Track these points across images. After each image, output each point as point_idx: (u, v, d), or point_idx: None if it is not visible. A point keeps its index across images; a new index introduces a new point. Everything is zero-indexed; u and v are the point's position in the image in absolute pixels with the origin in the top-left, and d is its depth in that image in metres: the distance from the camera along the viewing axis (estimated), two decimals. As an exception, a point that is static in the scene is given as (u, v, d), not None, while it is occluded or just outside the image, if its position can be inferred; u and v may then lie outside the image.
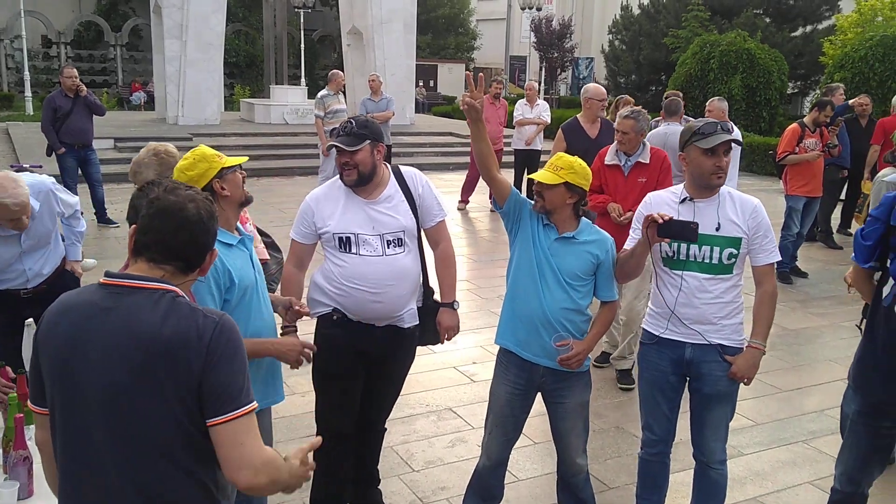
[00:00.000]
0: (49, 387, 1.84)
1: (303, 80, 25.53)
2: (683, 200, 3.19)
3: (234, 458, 1.75)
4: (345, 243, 3.26)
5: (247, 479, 1.75)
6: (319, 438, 1.99)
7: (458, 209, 11.43)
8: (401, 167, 3.47)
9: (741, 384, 3.25)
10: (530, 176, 3.24)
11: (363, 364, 3.41)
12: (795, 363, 5.92)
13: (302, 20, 27.31)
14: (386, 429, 3.76)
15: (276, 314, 3.01)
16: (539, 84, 29.72)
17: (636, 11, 27.89)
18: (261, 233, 3.55)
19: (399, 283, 3.30)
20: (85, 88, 9.37)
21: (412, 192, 3.40)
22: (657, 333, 3.28)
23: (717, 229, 3.11)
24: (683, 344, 3.22)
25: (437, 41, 38.49)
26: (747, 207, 3.17)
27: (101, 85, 31.26)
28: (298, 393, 4.93)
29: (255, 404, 1.80)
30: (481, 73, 3.13)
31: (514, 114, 11.27)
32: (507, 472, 4.13)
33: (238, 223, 2.88)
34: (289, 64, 31.55)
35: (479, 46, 40.34)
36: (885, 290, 2.91)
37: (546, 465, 4.25)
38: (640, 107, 7.68)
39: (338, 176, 3.33)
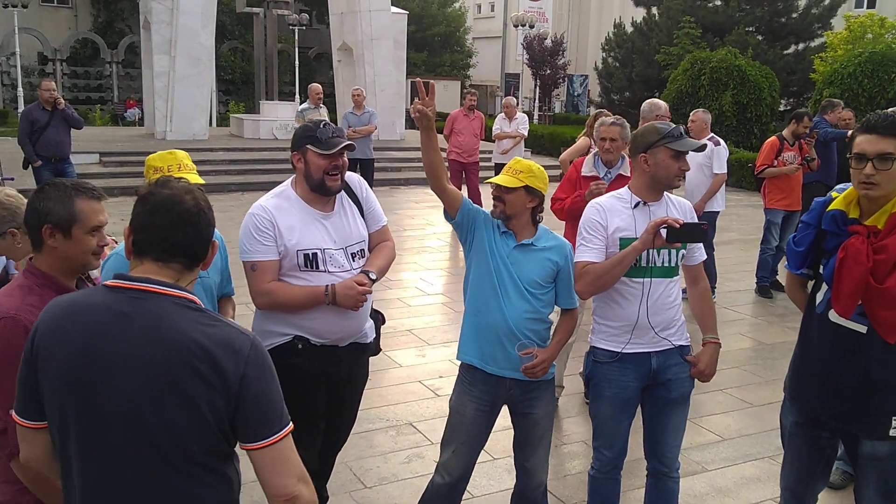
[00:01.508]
0: (56, 398, 1.74)
1: (297, 96, 25.58)
2: (637, 205, 3.11)
3: (276, 477, 1.76)
4: (311, 261, 3.02)
5: (290, 489, 1.76)
6: None
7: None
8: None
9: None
10: (489, 180, 3.14)
11: (326, 389, 3.22)
12: (769, 377, 5.80)
13: (297, 37, 27.40)
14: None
15: None
16: (534, 101, 29.84)
17: (629, 29, 28.00)
18: None
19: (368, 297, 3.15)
20: (63, 101, 9.34)
21: (358, 198, 3.26)
22: (618, 350, 3.13)
23: None
24: (648, 354, 3.12)
25: (433, 59, 38.62)
26: (686, 208, 3.19)
27: (96, 102, 31.33)
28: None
29: (290, 425, 1.80)
30: (432, 82, 3.02)
31: (494, 128, 11.36)
32: (459, 489, 4.03)
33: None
34: (284, 81, 31.67)
35: (475, 64, 40.49)
36: (819, 297, 2.82)
37: (503, 481, 4.13)
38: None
39: (287, 186, 3.12)
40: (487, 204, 9.98)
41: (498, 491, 4.06)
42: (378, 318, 3.47)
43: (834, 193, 2.85)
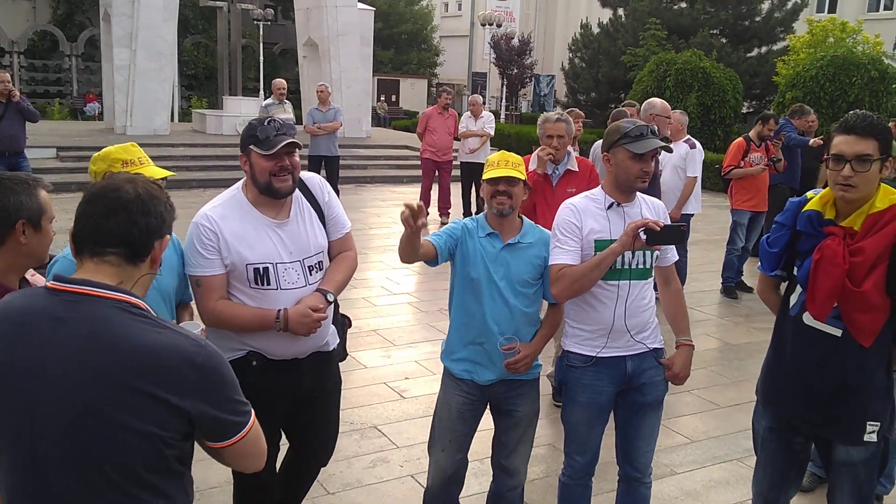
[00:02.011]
0: None
1: (261, 92, 25.22)
2: (611, 206, 3.03)
3: (242, 460, 1.81)
4: (261, 276, 2.74)
5: (256, 468, 1.85)
6: None
7: (442, 223, 11.35)
8: (303, 175, 2.92)
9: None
10: (488, 176, 2.96)
11: (289, 404, 2.99)
12: (736, 378, 5.79)
13: (261, 32, 27.04)
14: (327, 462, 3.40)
15: None
16: (500, 100, 29.84)
17: (596, 30, 28.12)
18: None
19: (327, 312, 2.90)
20: (18, 93, 9.03)
21: (319, 202, 2.95)
22: (593, 354, 3.04)
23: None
24: (623, 358, 3.04)
25: (400, 56, 38.49)
26: (659, 209, 3.14)
27: (54, 95, 30.63)
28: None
29: (252, 415, 1.78)
30: (420, 203, 2.79)
31: (460, 127, 11.24)
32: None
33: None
34: (248, 77, 31.24)
35: (442, 62, 40.44)
36: (793, 299, 2.77)
37: (470, 486, 4.03)
38: (581, 113, 7.65)
39: (237, 189, 2.81)
40: (455, 203, 9.88)
41: (466, 496, 3.94)
42: (344, 321, 3.29)
43: (809, 194, 2.80)
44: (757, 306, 7.71)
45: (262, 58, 26.94)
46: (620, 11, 27.13)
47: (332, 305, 3.01)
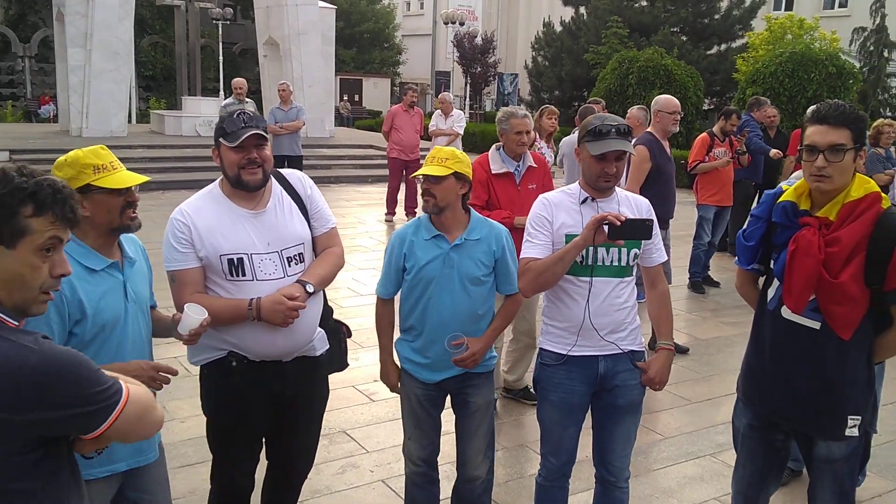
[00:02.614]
0: None
1: (222, 92, 24.86)
2: (584, 201, 2.94)
3: (133, 437, 1.73)
4: (236, 267, 2.67)
5: (150, 434, 1.75)
6: None
7: (386, 221, 11.20)
8: (282, 171, 2.94)
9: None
10: (414, 174, 3.00)
11: (271, 410, 2.89)
12: (706, 373, 5.78)
13: (220, 32, 26.65)
14: (301, 485, 3.27)
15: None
16: (464, 99, 29.81)
17: (558, 28, 28.23)
18: None
19: (310, 308, 2.77)
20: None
21: (301, 196, 2.88)
22: (564, 352, 2.96)
23: None
24: (595, 358, 2.95)
25: (362, 56, 38.25)
26: (643, 206, 3.02)
27: (7, 98, 29.89)
28: (178, 419, 4.49)
29: (123, 397, 1.63)
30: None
31: (430, 125, 11.13)
32: (399, 500, 3.83)
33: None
34: (208, 77, 30.79)
35: (405, 61, 40.29)
36: (770, 293, 2.71)
37: (443, 489, 3.94)
38: (556, 110, 7.61)
39: (215, 183, 2.78)
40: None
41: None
42: (341, 330, 3.22)
43: (784, 185, 2.75)
44: (724, 300, 7.75)
45: (221, 58, 26.56)
46: (582, 10, 27.28)
47: (322, 308, 2.96)
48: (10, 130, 17.85)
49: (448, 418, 3.24)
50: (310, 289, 2.73)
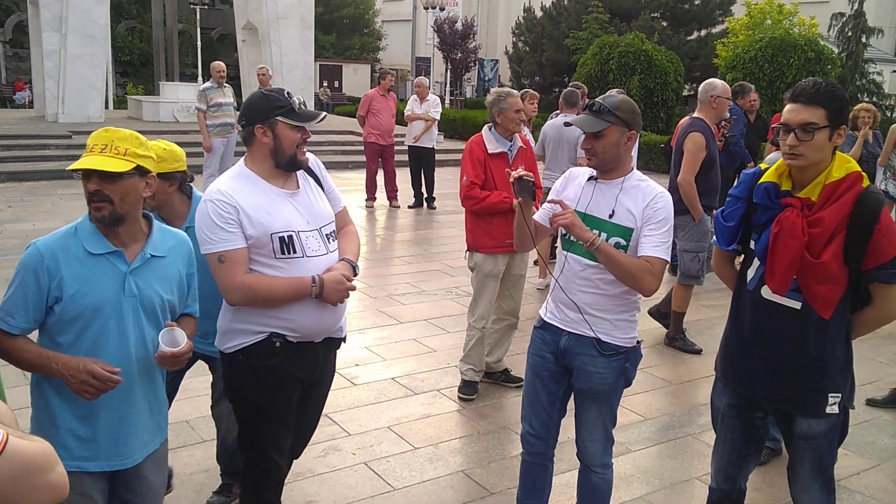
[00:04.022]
0: None
1: (200, 78, 24.57)
2: (590, 179, 2.97)
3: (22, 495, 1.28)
4: (287, 245, 2.63)
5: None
6: None
7: (367, 207, 11.16)
8: None
9: (622, 388, 3.04)
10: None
11: (300, 390, 2.89)
12: (686, 356, 5.82)
13: (198, 17, 26.33)
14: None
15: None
16: (445, 85, 29.67)
17: (539, 14, 28.16)
18: None
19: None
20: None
21: (318, 176, 2.89)
22: (542, 316, 3.11)
23: (611, 216, 2.87)
24: (561, 331, 2.99)
25: (342, 41, 37.96)
26: (648, 196, 2.86)
27: (-19, 83, 29.36)
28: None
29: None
30: None
31: (406, 110, 11.06)
32: (381, 481, 3.84)
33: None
34: (186, 63, 30.43)
35: (385, 47, 40.05)
36: (750, 273, 2.72)
37: (425, 471, 3.95)
38: (537, 94, 7.60)
39: (241, 166, 2.71)
40: (405, 190, 9.69)
41: (420, 482, 3.87)
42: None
43: (763, 165, 2.76)
44: (705, 284, 7.78)
45: (199, 43, 26.22)
46: (563, -6, 27.21)
47: None
48: (-17, 116, 17.55)
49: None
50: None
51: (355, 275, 2.80)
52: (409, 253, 8.62)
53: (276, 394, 2.78)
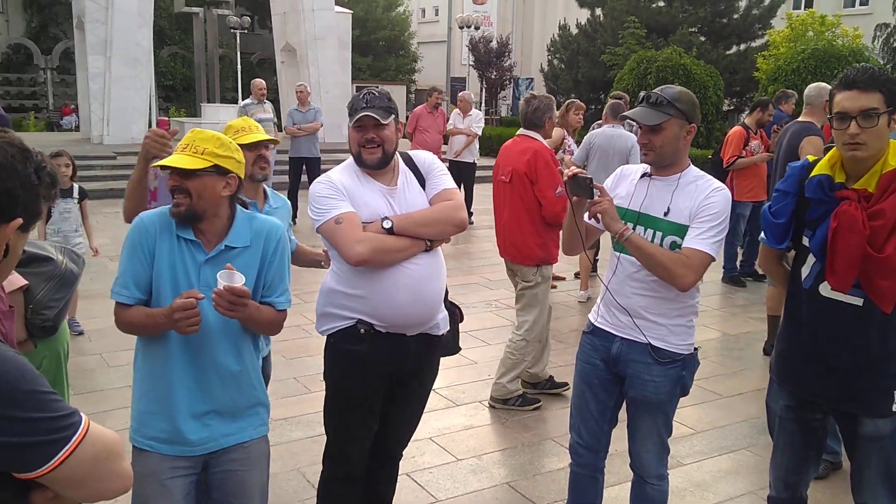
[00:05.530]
0: None
1: (239, 100, 24.92)
2: (643, 176, 2.85)
3: (85, 495, 1.36)
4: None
5: (108, 496, 1.38)
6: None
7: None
8: (412, 153, 2.98)
9: (678, 397, 2.87)
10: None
11: (387, 385, 2.87)
12: (736, 368, 5.64)
13: (238, 42, 26.75)
14: (401, 455, 3.18)
15: None
16: (480, 104, 29.71)
17: (574, 31, 28.10)
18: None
19: (438, 279, 2.82)
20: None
21: (423, 174, 2.89)
22: (592, 321, 2.98)
23: (666, 214, 2.74)
24: (613, 337, 2.87)
25: (378, 63, 38.27)
26: (702, 192, 2.71)
27: (30, 109, 30.15)
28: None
29: (80, 432, 1.29)
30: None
31: (448, 125, 11.05)
32: (424, 492, 3.75)
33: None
34: (226, 87, 30.93)
35: (420, 69, 40.27)
36: (805, 271, 2.58)
37: (469, 483, 3.85)
38: (583, 105, 7.54)
39: (350, 159, 2.85)
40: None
41: (464, 493, 3.77)
42: (455, 312, 3.15)
43: (811, 157, 2.63)
44: (753, 296, 7.59)
45: (239, 67, 26.63)
46: (598, 11, 27.12)
47: (445, 283, 2.91)
48: (32, 139, 17.91)
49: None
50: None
51: (385, 229, 2.67)
52: (449, 266, 8.45)
53: (357, 382, 2.79)
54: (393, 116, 2.77)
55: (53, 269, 2.49)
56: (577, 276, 8.02)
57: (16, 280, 2.33)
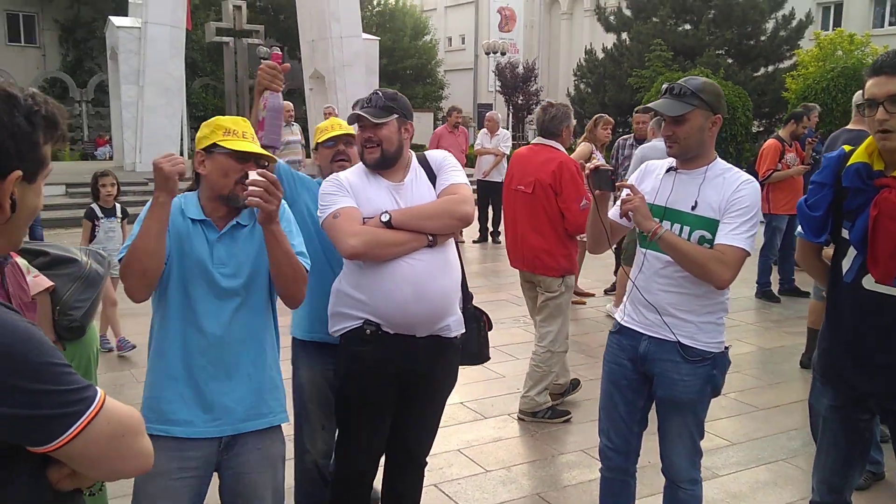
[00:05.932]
0: None
1: (269, 128, 25.22)
2: (669, 170, 2.79)
3: (103, 470, 1.32)
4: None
5: (129, 472, 1.35)
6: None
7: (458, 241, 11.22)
8: (427, 153, 2.98)
9: (709, 397, 2.80)
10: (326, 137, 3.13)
11: (397, 388, 2.83)
12: (772, 381, 5.51)
13: (268, 71, 27.19)
14: (426, 463, 3.09)
15: None
16: (507, 128, 29.78)
17: (600, 55, 28.13)
18: (29, 253, 2.42)
19: (443, 276, 2.73)
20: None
21: (435, 171, 2.87)
22: (619, 320, 2.91)
23: (693, 208, 2.67)
24: (640, 335, 2.80)
25: (406, 91, 38.48)
26: (733, 184, 2.65)
27: (66, 140, 30.82)
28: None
29: (95, 406, 1.23)
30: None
31: (475, 145, 11.06)
32: (453, 503, 3.69)
33: None
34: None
35: (448, 96, 40.54)
36: (845, 265, 2.49)
37: (498, 494, 3.78)
38: (611, 119, 7.52)
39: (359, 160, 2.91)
40: (472, 225, 9.49)
41: (512, 499, 3.70)
42: (481, 318, 3.14)
43: (847, 147, 2.56)
44: (787, 311, 7.44)
45: (269, 95, 27.03)
46: (624, 35, 27.13)
47: (459, 285, 2.86)
48: (67, 167, 18.34)
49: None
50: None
51: (383, 222, 2.66)
52: (477, 284, 8.48)
53: (363, 383, 2.77)
54: (394, 116, 2.72)
55: (78, 269, 2.51)
56: (606, 292, 7.93)
57: (42, 282, 2.34)
